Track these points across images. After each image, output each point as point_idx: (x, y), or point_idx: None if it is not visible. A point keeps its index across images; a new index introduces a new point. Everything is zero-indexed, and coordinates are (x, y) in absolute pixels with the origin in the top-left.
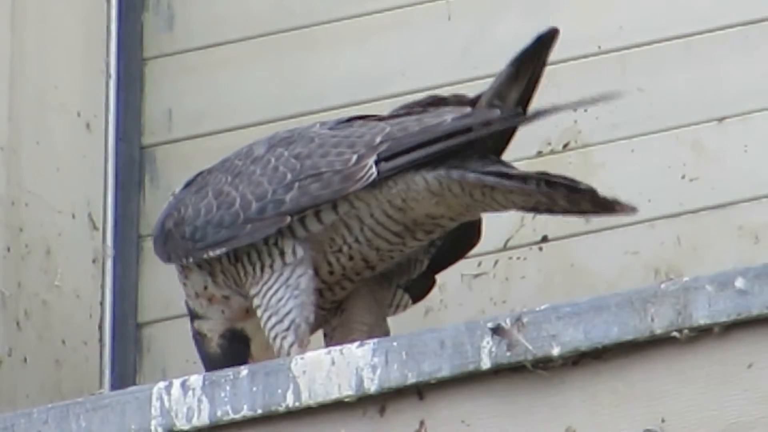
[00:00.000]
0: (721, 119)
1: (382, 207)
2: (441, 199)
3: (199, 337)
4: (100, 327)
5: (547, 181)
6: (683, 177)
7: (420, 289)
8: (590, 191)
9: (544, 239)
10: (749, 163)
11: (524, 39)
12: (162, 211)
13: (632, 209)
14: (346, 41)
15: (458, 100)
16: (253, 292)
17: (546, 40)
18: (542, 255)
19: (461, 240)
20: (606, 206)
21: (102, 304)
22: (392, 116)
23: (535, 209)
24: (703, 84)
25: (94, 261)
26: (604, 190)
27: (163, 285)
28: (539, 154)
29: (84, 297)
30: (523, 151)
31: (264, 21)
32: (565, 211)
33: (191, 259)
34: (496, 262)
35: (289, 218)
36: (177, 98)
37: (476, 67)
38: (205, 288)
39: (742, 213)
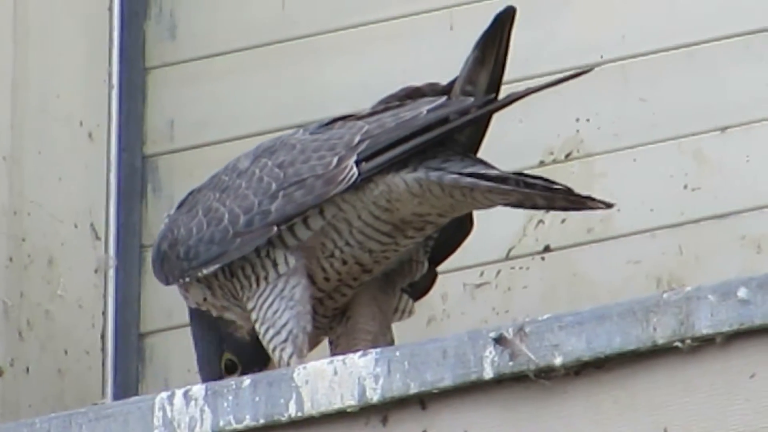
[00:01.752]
0: (723, 129)
1: (368, 209)
2: (423, 199)
3: (220, 321)
4: (103, 337)
5: (524, 182)
6: (685, 186)
7: (422, 286)
8: (565, 190)
9: (547, 249)
10: (751, 172)
11: (526, 48)
12: (158, 234)
13: (606, 204)
14: (349, 51)
15: (433, 89)
16: (250, 305)
17: (504, 19)
18: (545, 265)
19: (456, 230)
20: (580, 203)
21: (104, 313)
22: (370, 113)
23: (519, 206)
24: (705, 94)
25: (96, 271)
26: (606, 199)
27: (166, 295)
28: (542, 163)
29: (86, 307)
30: (526, 161)
31: (266, 30)
32: (546, 208)
33: (188, 279)
34: (498, 272)
35: (276, 228)
36: (179, 108)
37: None
38: (205, 299)
39: (744, 223)
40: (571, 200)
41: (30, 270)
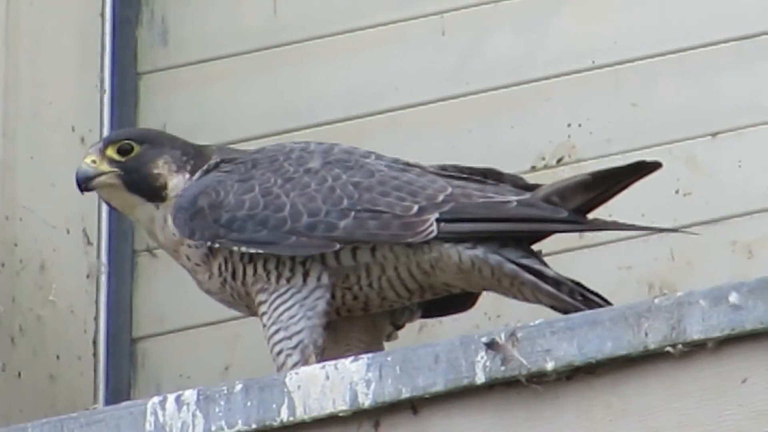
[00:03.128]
0: (714, 134)
1: (408, 266)
2: (466, 275)
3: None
4: (95, 342)
5: (583, 295)
6: (677, 192)
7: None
8: None
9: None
10: (743, 178)
11: (518, 54)
12: (195, 184)
13: None
14: (340, 56)
15: (513, 180)
16: (261, 298)
17: (641, 168)
18: None
19: (456, 302)
20: None
21: (96, 319)
22: (451, 175)
23: (552, 307)
24: (696, 99)
25: (88, 276)
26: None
27: (158, 300)
28: (533, 169)
29: (78, 312)
30: (517, 166)
31: (257, 36)
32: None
33: (217, 245)
34: None
35: (338, 245)
36: (171, 113)
37: (470, 82)
38: (188, 246)
39: (735, 228)
40: None
41: (22, 275)
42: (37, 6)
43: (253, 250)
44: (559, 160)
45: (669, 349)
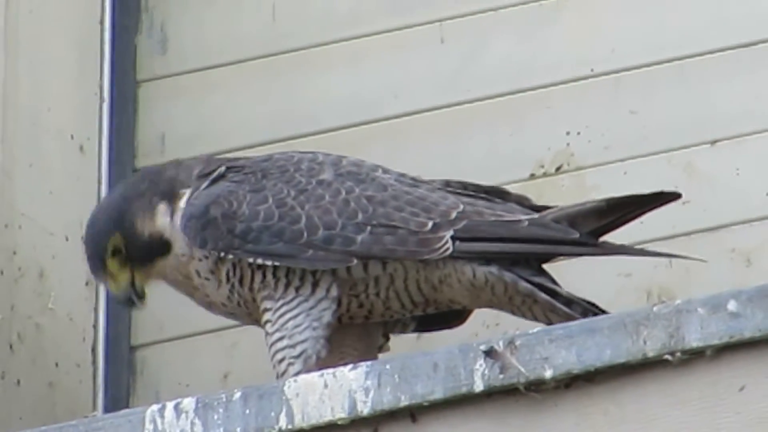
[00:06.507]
0: (713, 142)
1: (417, 279)
2: (477, 291)
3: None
4: (94, 350)
5: (594, 314)
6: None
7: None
8: None
9: None
10: (742, 185)
11: (517, 61)
12: (205, 193)
13: None
14: (339, 64)
15: (519, 200)
16: (267, 304)
17: (660, 198)
18: None
19: (444, 318)
20: None
21: (95, 326)
22: (457, 192)
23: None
24: (695, 107)
25: (87, 283)
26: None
27: (157, 307)
28: (532, 176)
29: (77, 320)
30: (516, 174)
31: (257, 44)
32: None
33: (230, 255)
34: None
35: (355, 260)
36: (170, 121)
37: (469, 89)
38: (212, 272)
39: (734, 236)
40: None
41: (21, 283)
42: (37, 14)
43: (269, 263)
44: (558, 168)
45: (667, 356)
